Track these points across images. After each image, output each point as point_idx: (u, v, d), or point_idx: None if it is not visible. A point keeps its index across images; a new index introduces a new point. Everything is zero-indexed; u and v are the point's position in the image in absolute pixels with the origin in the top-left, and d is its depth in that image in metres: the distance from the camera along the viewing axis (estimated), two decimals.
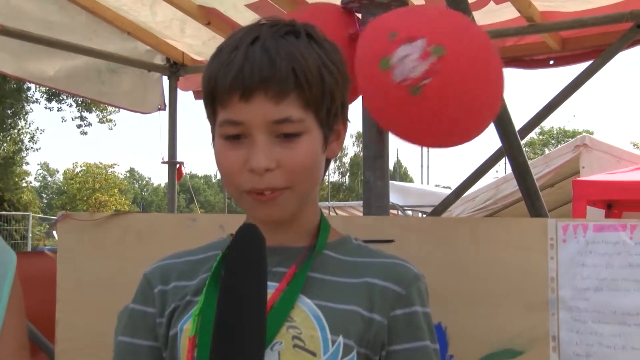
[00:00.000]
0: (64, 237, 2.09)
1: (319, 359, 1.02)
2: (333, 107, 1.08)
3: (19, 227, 20.63)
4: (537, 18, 3.09)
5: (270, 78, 1.00)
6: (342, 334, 1.04)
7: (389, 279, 1.09)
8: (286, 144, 1.03)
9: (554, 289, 1.56)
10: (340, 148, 1.14)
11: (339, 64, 1.09)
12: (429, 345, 1.09)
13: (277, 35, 1.04)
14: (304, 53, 1.03)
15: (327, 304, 1.06)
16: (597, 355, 1.52)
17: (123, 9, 3.58)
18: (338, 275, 1.09)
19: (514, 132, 2.21)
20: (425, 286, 1.13)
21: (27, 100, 23.41)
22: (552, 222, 1.59)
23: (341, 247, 1.14)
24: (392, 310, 1.07)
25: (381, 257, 1.14)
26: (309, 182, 1.07)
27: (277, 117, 1.02)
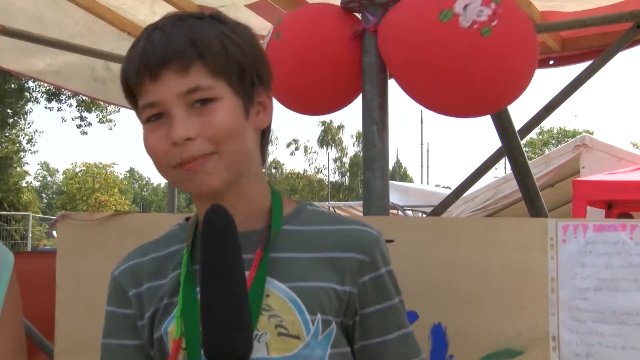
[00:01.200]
0: (63, 237, 2.09)
1: (303, 342, 1.08)
2: (246, 76, 1.11)
3: (18, 227, 20.64)
4: (536, 18, 3.09)
5: (170, 54, 1.06)
6: (320, 312, 1.09)
7: (352, 248, 1.13)
8: (202, 112, 1.07)
9: (554, 289, 1.56)
10: (269, 120, 1.17)
11: (247, 38, 1.15)
12: (396, 302, 1.17)
13: (175, 20, 1.11)
14: (202, 27, 1.10)
15: (300, 284, 1.10)
16: (597, 355, 1.52)
17: (122, 8, 3.58)
18: (304, 251, 1.13)
19: (513, 132, 2.21)
20: (384, 243, 1.18)
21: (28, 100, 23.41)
22: (552, 222, 1.59)
23: (298, 217, 1.17)
24: (360, 277, 1.13)
25: (339, 224, 1.17)
26: (234, 145, 1.08)
27: (186, 88, 1.06)
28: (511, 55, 1.73)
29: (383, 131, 1.89)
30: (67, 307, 2.05)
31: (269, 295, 1.09)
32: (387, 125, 1.92)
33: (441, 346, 1.61)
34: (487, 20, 1.68)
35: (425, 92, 1.83)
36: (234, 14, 3.42)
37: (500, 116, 2.16)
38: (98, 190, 35.67)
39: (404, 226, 1.74)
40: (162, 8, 3.51)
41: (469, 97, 1.78)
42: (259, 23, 3.42)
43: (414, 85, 1.83)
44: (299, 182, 42.90)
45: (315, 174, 46.39)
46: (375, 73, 1.89)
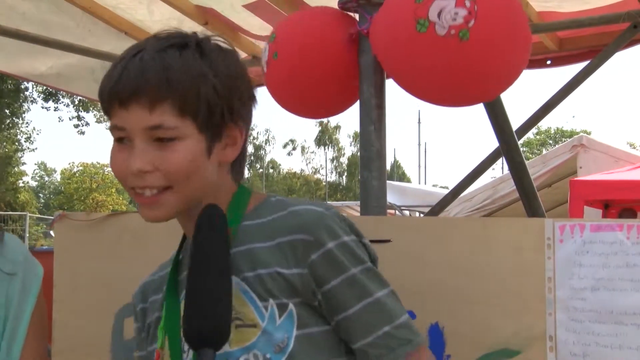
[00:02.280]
0: (60, 237, 2.09)
1: (260, 329, 1.11)
2: (215, 114, 1.13)
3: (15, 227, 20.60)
4: (534, 18, 3.09)
5: (140, 89, 1.09)
6: (270, 297, 1.11)
7: (295, 229, 1.13)
8: (163, 148, 1.11)
9: (551, 289, 1.56)
10: (237, 152, 1.20)
11: (224, 74, 1.14)
12: (354, 272, 1.13)
13: (158, 48, 1.13)
14: (178, 64, 1.11)
15: (249, 274, 1.13)
16: (594, 354, 1.52)
17: (120, 8, 3.57)
18: (257, 241, 1.15)
19: (511, 132, 2.21)
20: (334, 217, 1.16)
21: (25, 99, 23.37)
22: (549, 222, 1.59)
23: (257, 212, 1.20)
24: (307, 258, 1.12)
25: (289, 207, 1.17)
26: (189, 184, 1.13)
27: (151, 124, 1.10)
28: (496, 50, 1.69)
29: (380, 131, 1.89)
30: (64, 307, 2.05)
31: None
32: (385, 125, 1.92)
33: (438, 346, 1.61)
34: (463, 22, 1.64)
35: (418, 91, 1.83)
36: (231, 15, 3.43)
37: (498, 116, 2.16)
38: (95, 190, 35.63)
39: (401, 226, 1.74)
40: (160, 7, 3.51)
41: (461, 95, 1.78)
42: (257, 23, 3.42)
43: (408, 85, 1.83)
44: (296, 182, 42.89)
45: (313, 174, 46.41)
46: (372, 73, 1.90)
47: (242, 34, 3.63)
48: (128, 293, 2.11)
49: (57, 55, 3.72)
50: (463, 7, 1.64)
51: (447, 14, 1.64)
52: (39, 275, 1.33)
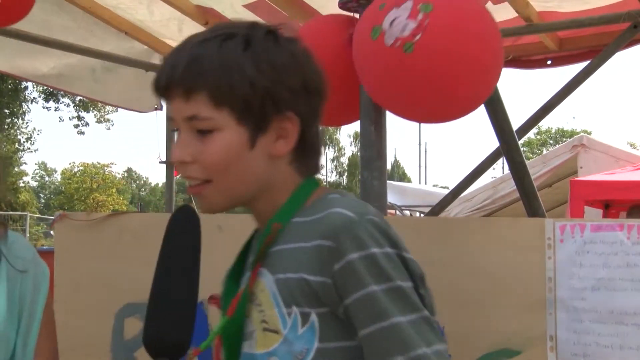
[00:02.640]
0: (61, 237, 2.09)
1: (281, 336, 1.07)
2: (253, 106, 1.10)
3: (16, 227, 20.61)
4: (534, 18, 3.09)
5: (175, 80, 1.10)
6: (294, 304, 1.06)
7: (323, 235, 1.06)
8: (202, 140, 1.10)
9: (552, 289, 1.56)
10: (290, 146, 1.14)
11: (267, 65, 1.10)
12: (373, 290, 1.02)
13: (201, 39, 1.12)
14: (212, 55, 1.09)
15: (281, 276, 1.09)
16: (594, 354, 1.52)
17: (120, 8, 3.57)
18: (296, 242, 1.10)
19: (511, 132, 2.21)
20: (368, 225, 1.05)
21: (25, 99, 23.37)
22: (549, 222, 1.59)
23: (311, 208, 1.13)
24: (331, 267, 1.04)
25: (326, 209, 1.09)
26: (229, 177, 1.11)
27: (187, 114, 1.10)
28: (442, 67, 1.62)
29: (380, 131, 1.89)
30: (65, 306, 2.05)
31: (263, 290, 1.10)
32: (385, 125, 1.92)
33: None
34: (410, 35, 1.62)
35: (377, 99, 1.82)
36: (231, 14, 3.43)
37: (498, 116, 2.16)
38: (96, 190, 35.64)
39: (401, 226, 1.73)
40: (160, 7, 3.51)
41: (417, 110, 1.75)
42: None
43: (369, 90, 1.82)
44: None
45: None
46: None
47: None
48: (128, 293, 2.12)
49: (58, 55, 3.73)
50: (414, 20, 1.62)
51: (398, 25, 1.63)
52: (47, 274, 1.38)
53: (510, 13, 3.11)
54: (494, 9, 3.08)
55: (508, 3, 3.00)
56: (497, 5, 3.04)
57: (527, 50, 3.41)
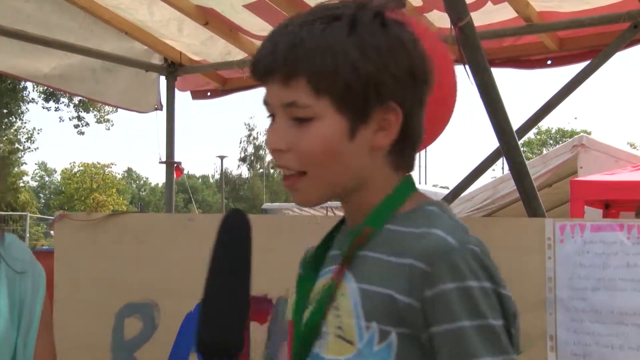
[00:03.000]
0: (61, 237, 2.09)
1: (355, 348, 1.02)
2: (356, 94, 1.03)
3: (16, 227, 20.61)
4: (534, 18, 3.09)
5: (272, 64, 1.05)
6: (375, 320, 1.01)
7: (418, 255, 1.00)
8: (299, 128, 1.05)
9: (552, 289, 1.56)
10: (390, 138, 1.07)
11: (373, 50, 1.03)
12: (463, 326, 0.96)
13: (304, 21, 1.06)
14: (315, 38, 1.03)
15: (367, 287, 1.03)
16: (594, 354, 1.52)
17: (121, 8, 3.57)
18: (387, 253, 1.04)
19: (511, 132, 2.21)
20: (467, 254, 1.00)
21: (23, 99, 23.38)
22: (549, 222, 1.59)
23: (408, 218, 1.08)
24: (422, 291, 0.98)
25: (425, 227, 1.04)
26: (325, 169, 1.05)
27: (286, 100, 1.05)
28: None
29: None
30: (65, 306, 2.05)
31: (344, 294, 1.05)
32: None
33: None
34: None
35: None
36: (231, 14, 3.43)
37: (498, 116, 2.16)
38: (96, 190, 35.66)
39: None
40: (160, 8, 3.51)
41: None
42: (257, 23, 3.42)
43: None
44: None
45: None
46: None
47: (242, 34, 3.64)
48: (128, 293, 2.12)
49: (59, 56, 3.73)
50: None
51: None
52: (44, 275, 1.38)
53: (510, 13, 3.11)
54: (494, 9, 3.08)
55: (508, 3, 3.00)
56: (497, 6, 3.04)
57: (527, 50, 3.40)
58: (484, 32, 3.08)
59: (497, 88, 2.14)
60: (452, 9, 2.04)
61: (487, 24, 3.18)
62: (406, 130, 1.08)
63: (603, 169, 5.88)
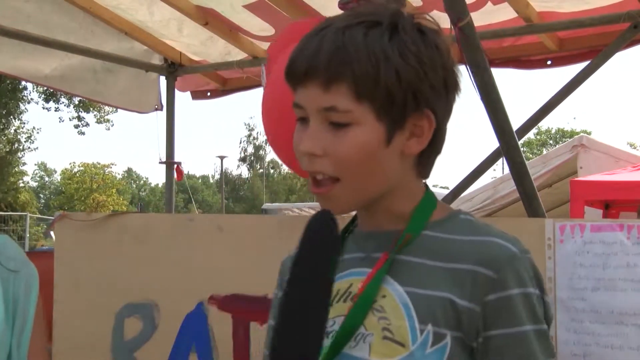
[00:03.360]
0: (61, 237, 2.09)
1: (407, 350, 1.02)
2: (397, 101, 1.04)
3: (16, 227, 20.61)
4: (534, 18, 3.09)
5: (314, 67, 1.03)
6: (431, 322, 1.02)
7: (481, 262, 1.03)
8: (335, 133, 1.04)
9: (552, 289, 1.56)
10: (423, 145, 1.08)
11: (414, 56, 1.04)
12: (527, 329, 1.02)
13: (344, 24, 1.05)
14: (358, 43, 1.03)
15: (418, 290, 1.05)
16: (594, 355, 1.52)
17: (120, 8, 3.57)
18: (434, 259, 1.06)
19: (511, 132, 2.21)
20: (525, 263, 1.06)
21: (22, 100, 23.37)
22: (549, 222, 1.59)
23: (444, 224, 1.11)
24: (485, 296, 1.02)
25: (480, 235, 1.08)
26: (360, 175, 1.05)
27: (325, 105, 1.04)
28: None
29: None
30: (65, 307, 2.05)
31: (385, 296, 1.06)
32: None
33: None
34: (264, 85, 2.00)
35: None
36: (231, 15, 3.43)
37: (498, 116, 2.16)
38: (96, 191, 35.65)
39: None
40: (160, 8, 3.51)
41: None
42: (257, 23, 3.42)
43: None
44: (297, 182, 42.86)
45: None
46: None
47: (242, 34, 3.64)
48: (128, 293, 2.12)
49: (60, 57, 3.73)
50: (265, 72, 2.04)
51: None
52: (37, 275, 1.37)
53: (510, 13, 3.11)
54: (494, 10, 3.08)
55: (508, 3, 3.00)
56: (497, 6, 3.04)
57: (527, 51, 3.41)
58: (484, 32, 3.08)
59: (497, 88, 2.14)
60: (452, 9, 2.04)
61: (487, 24, 3.18)
62: (435, 139, 1.09)
63: (603, 169, 5.88)
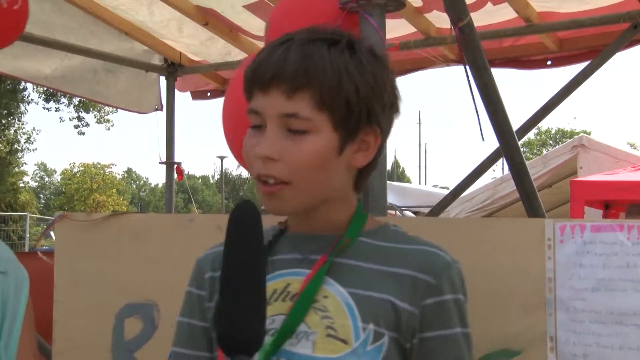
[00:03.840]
0: (61, 237, 2.09)
1: (350, 347, 1.09)
2: (352, 114, 1.10)
3: (16, 227, 20.62)
4: (534, 19, 3.09)
5: (281, 74, 1.08)
6: (373, 322, 1.10)
7: (420, 268, 1.13)
8: (293, 139, 1.09)
9: (552, 289, 1.56)
10: (368, 159, 1.16)
11: (370, 76, 1.12)
12: (458, 331, 1.14)
13: (307, 39, 1.11)
14: (324, 56, 1.09)
15: (360, 291, 1.11)
16: (594, 355, 1.52)
17: (121, 9, 3.58)
18: (372, 262, 1.14)
19: (511, 133, 2.21)
20: (457, 272, 1.17)
21: (23, 100, 23.37)
22: (549, 223, 1.59)
23: (377, 234, 1.19)
24: (423, 300, 1.12)
25: (415, 244, 1.18)
26: (311, 182, 1.10)
27: (287, 111, 1.08)
28: None
29: None
30: (65, 307, 2.05)
31: (327, 296, 1.12)
32: None
33: None
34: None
35: None
36: (231, 15, 3.43)
37: (498, 116, 2.16)
38: (96, 191, 35.64)
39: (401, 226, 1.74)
40: (160, 8, 3.51)
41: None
42: (257, 24, 3.43)
43: None
44: None
45: None
46: None
47: (242, 34, 3.64)
48: (128, 293, 2.12)
49: (60, 57, 3.74)
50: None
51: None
52: (27, 276, 1.35)
53: (510, 13, 3.11)
54: (494, 10, 3.08)
55: (508, 3, 3.00)
56: (497, 6, 3.04)
57: (527, 51, 3.41)
58: (484, 32, 3.08)
59: (497, 88, 2.15)
60: (452, 10, 2.04)
61: (487, 24, 3.19)
62: (376, 155, 1.17)
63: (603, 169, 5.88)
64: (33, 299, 1.38)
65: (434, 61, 3.46)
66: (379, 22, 1.87)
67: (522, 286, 1.58)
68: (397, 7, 1.91)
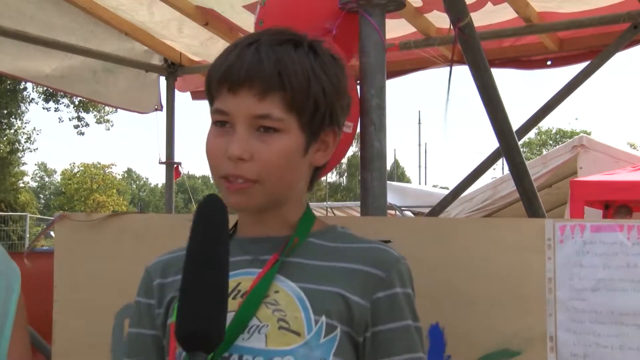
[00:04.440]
0: (61, 237, 2.09)
1: (303, 338, 1.10)
2: (317, 115, 1.14)
3: (16, 227, 20.61)
4: (534, 19, 3.09)
5: (255, 76, 1.10)
6: (325, 314, 1.11)
7: (370, 263, 1.16)
8: (263, 138, 1.12)
9: (552, 290, 1.56)
10: (327, 158, 1.20)
11: (334, 77, 1.16)
12: (410, 324, 1.17)
13: (274, 41, 1.14)
14: (293, 59, 1.12)
15: (311, 286, 1.14)
16: (594, 355, 1.52)
17: (121, 9, 3.58)
18: (321, 260, 1.17)
19: (511, 133, 2.21)
20: (405, 267, 1.20)
21: (23, 100, 23.37)
22: (549, 223, 1.59)
23: (325, 234, 1.22)
24: (374, 293, 1.14)
25: (362, 243, 1.21)
26: (278, 180, 1.13)
27: (258, 113, 1.11)
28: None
29: (381, 131, 1.89)
30: (64, 307, 2.05)
31: (278, 291, 1.13)
32: (385, 125, 1.92)
33: (439, 346, 1.61)
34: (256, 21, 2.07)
35: None
36: (231, 15, 3.43)
37: (498, 116, 2.16)
38: (96, 191, 35.65)
39: (401, 227, 1.74)
40: (160, 8, 3.51)
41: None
42: None
43: None
44: None
45: None
46: (373, 74, 1.89)
47: (242, 34, 3.64)
48: (128, 293, 2.11)
49: (61, 57, 3.74)
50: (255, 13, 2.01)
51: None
52: (19, 274, 1.32)
53: (510, 13, 3.11)
54: (494, 10, 3.08)
55: (508, 3, 3.00)
56: (497, 6, 3.04)
57: (527, 51, 3.41)
58: (484, 32, 3.08)
59: (497, 89, 2.14)
60: (452, 10, 2.03)
61: (487, 24, 3.19)
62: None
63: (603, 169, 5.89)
64: (33, 299, 1.37)
65: (434, 61, 3.46)
66: (379, 22, 1.87)
67: (522, 286, 1.58)
68: (397, 7, 1.90)
